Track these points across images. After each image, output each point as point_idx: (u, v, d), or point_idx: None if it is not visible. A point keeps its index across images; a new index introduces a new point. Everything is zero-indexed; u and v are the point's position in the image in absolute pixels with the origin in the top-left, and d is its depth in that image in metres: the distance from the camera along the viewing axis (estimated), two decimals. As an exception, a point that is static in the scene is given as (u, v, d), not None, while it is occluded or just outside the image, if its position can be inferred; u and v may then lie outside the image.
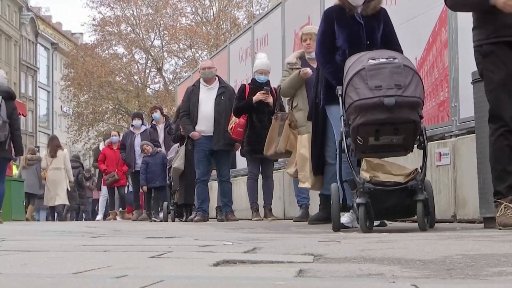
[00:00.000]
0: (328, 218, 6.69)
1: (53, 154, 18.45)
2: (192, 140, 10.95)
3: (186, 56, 44.21)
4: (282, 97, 9.74)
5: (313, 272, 2.41)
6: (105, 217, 19.34)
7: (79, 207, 24.63)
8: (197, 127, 10.87)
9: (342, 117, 5.83)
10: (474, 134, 6.01)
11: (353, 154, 5.76)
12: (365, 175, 5.58)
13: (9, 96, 10.96)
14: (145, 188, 15.19)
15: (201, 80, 11.14)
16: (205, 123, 10.84)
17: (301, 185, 8.43)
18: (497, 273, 2.34)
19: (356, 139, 5.62)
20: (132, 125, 16.42)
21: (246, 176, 13.09)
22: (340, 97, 5.89)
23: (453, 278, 2.27)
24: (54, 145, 18.75)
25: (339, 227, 5.82)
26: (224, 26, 42.86)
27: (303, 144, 8.26)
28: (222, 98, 10.89)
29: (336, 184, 6.04)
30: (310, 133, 7.61)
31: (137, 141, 15.77)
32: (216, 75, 11.29)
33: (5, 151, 10.89)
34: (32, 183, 18.86)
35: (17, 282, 2.12)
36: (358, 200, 5.44)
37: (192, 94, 11.03)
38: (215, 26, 42.31)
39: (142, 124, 16.45)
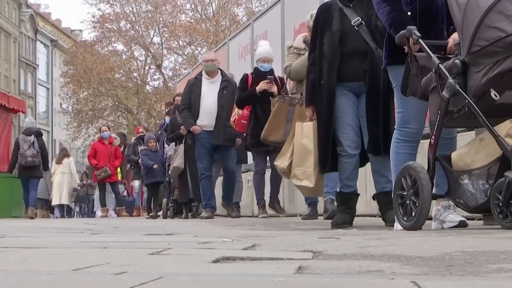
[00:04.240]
0: (352, 221, 6.13)
1: (59, 161, 21.59)
2: (192, 134, 10.59)
3: (185, 53, 44.22)
4: (291, 82, 9.06)
5: (313, 269, 2.41)
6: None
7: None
8: (198, 121, 10.52)
9: (439, 65, 4.34)
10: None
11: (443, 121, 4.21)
12: None
13: (39, 134, 16.31)
14: (155, 166, 14.94)
15: (203, 73, 10.71)
16: (206, 118, 10.48)
17: (297, 183, 6.52)
18: (496, 270, 2.34)
19: (485, 93, 4.10)
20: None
21: (248, 173, 13.02)
22: (418, 41, 4.43)
23: (452, 275, 2.27)
24: (61, 154, 22.40)
25: (423, 222, 4.47)
26: (224, 23, 42.86)
27: (305, 134, 6.52)
28: (225, 92, 10.51)
29: (420, 165, 4.61)
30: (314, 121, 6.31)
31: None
32: (219, 69, 10.92)
33: (39, 171, 16.15)
34: (42, 190, 20.03)
35: (17, 279, 2.12)
36: None
37: (194, 87, 10.62)
38: (214, 23, 42.30)
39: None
